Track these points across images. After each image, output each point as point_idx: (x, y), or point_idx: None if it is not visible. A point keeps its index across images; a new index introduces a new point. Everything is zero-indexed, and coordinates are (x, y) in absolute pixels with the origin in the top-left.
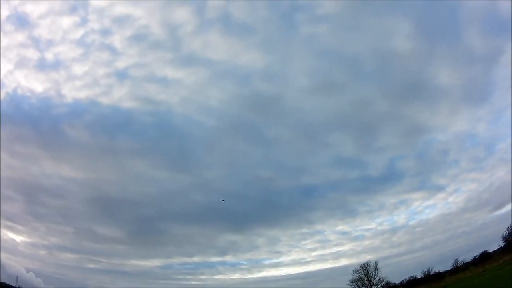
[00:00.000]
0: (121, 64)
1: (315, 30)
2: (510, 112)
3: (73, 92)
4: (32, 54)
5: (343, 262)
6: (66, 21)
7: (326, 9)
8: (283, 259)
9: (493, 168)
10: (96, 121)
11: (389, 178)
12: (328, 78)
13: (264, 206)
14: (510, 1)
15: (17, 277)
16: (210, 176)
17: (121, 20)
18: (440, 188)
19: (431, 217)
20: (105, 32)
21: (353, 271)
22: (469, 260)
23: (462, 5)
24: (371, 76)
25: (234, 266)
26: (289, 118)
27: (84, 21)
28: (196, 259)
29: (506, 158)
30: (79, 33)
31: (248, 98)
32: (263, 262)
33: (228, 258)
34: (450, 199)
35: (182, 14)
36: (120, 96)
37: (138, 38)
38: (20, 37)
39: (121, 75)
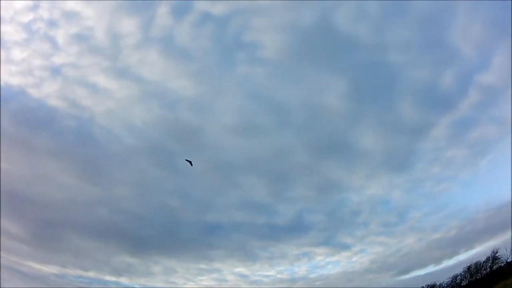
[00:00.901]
0: (58, 59)
1: (252, 71)
2: (427, 183)
3: (7, 76)
4: None
5: None
6: (20, 2)
7: (267, 53)
8: None
9: (403, 235)
10: (21, 111)
11: (295, 229)
12: (253, 120)
13: (166, 234)
14: (450, 81)
15: None
16: (119, 194)
17: (70, 16)
18: (345, 247)
19: (333, 273)
20: (52, 24)
21: None
22: None
23: (402, 75)
24: (296, 127)
25: None
26: (207, 152)
27: (35, 7)
28: (91, 274)
29: (418, 227)
30: (27, 18)
31: (171, 124)
32: None
33: (123, 280)
34: (355, 258)
35: (128, 26)
36: (49, 92)
37: (81, 38)
38: None
39: (56, 71)
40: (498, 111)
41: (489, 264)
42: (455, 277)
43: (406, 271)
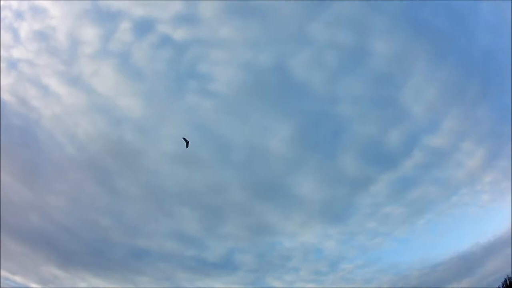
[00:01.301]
0: (17, 53)
1: (201, 103)
2: (362, 237)
3: None
4: None
5: None
6: None
7: (218, 87)
8: None
9: (333, 284)
10: None
11: (224, 266)
12: (195, 152)
13: (95, 252)
14: (396, 139)
15: None
16: (52, 203)
17: (37, 11)
18: None
19: None
20: (19, 15)
21: None
22: None
23: (349, 127)
24: (236, 164)
25: None
26: (144, 177)
27: None
28: (17, 278)
29: (349, 278)
30: None
31: (113, 142)
32: None
33: None
34: None
35: (89, 33)
36: (3, 85)
37: (42, 36)
38: None
39: (12, 65)
40: (441, 173)
41: None
42: None
43: None
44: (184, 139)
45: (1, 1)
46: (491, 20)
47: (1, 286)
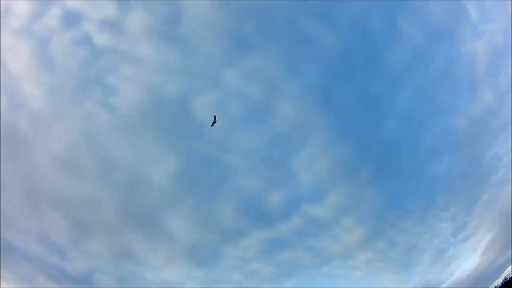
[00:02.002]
0: None
1: (98, 113)
2: (225, 286)
3: None
4: None
5: None
6: None
7: (119, 103)
8: None
9: None
10: None
11: (82, 283)
12: (78, 159)
13: None
14: (278, 201)
15: None
16: None
17: None
18: None
19: None
20: None
21: None
22: None
23: (234, 178)
24: (116, 184)
25: None
26: (26, 170)
27: None
28: None
29: None
30: None
31: (5, 125)
32: None
33: None
34: None
35: (22, 7)
36: None
37: None
38: None
39: None
40: (316, 242)
41: None
42: None
43: None
44: (214, 117)
45: None
46: (403, 112)
47: None
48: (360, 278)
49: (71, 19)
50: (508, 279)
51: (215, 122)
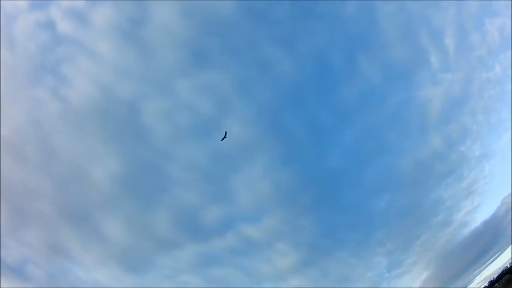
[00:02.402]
0: None
1: (47, 101)
2: None
3: None
4: None
5: None
6: None
7: (70, 95)
8: None
9: None
10: None
11: (16, 272)
12: (25, 147)
13: None
14: (214, 217)
15: None
16: None
17: None
18: None
19: None
20: None
21: None
22: None
23: (172, 188)
24: (56, 177)
25: None
26: None
27: None
28: None
29: None
30: None
31: None
32: None
33: None
34: None
35: None
36: None
37: None
38: None
39: None
40: (249, 262)
41: None
42: None
43: None
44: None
45: None
46: (350, 146)
47: None
48: None
49: (39, 2)
50: None
51: (225, 137)
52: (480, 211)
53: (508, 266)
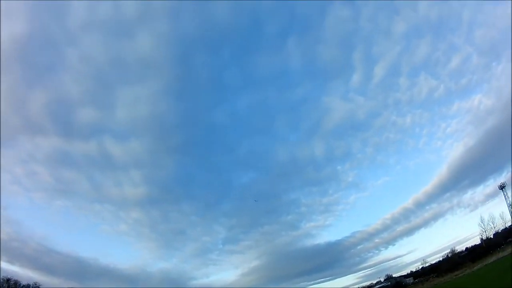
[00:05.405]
0: None
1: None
2: None
3: None
4: None
5: None
6: None
7: None
8: None
9: None
10: None
11: None
12: None
13: None
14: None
15: None
16: None
17: None
18: None
19: None
20: None
21: None
22: None
23: None
24: None
25: None
26: None
27: None
28: None
29: None
30: None
31: None
32: None
33: None
34: None
35: None
36: None
37: None
38: None
39: None
40: (99, 177)
41: None
42: None
43: None
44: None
45: None
46: (240, 112)
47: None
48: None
49: None
50: None
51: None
52: (329, 231)
53: None
